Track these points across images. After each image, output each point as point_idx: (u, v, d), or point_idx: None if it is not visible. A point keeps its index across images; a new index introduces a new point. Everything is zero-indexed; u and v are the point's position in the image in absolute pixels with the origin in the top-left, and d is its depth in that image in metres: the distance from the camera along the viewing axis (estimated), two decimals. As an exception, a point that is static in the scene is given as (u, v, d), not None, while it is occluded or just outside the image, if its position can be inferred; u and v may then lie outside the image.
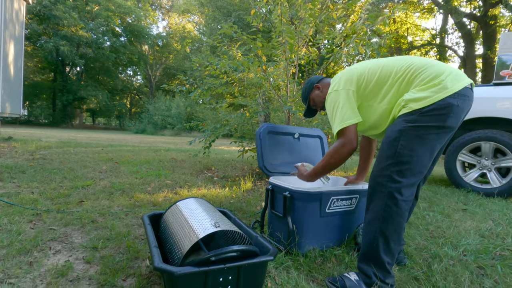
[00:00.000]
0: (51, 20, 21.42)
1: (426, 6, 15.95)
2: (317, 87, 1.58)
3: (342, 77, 1.35)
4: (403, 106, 1.17)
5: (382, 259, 1.13)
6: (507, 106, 2.99)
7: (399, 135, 1.14)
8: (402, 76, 1.21)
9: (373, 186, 1.18)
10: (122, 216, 1.89)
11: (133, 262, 1.30)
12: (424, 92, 1.12)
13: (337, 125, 1.29)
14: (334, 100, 1.32)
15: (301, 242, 1.47)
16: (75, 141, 7.29)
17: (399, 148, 1.13)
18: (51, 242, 1.44)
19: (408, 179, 1.12)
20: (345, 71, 1.39)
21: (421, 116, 1.11)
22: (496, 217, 2.23)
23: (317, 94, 1.58)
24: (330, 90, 1.36)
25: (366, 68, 1.32)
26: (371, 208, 1.18)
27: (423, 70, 1.17)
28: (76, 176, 2.95)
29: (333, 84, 1.37)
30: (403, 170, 1.12)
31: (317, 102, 1.59)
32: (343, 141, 1.28)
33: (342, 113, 1.28)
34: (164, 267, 0.82)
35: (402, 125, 1.14)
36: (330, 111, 1.35)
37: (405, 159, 1.12)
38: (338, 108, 1.30)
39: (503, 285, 1.24)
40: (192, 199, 1.30)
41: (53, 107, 26.80)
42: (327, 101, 1.38)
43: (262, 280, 0.97)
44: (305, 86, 1.64)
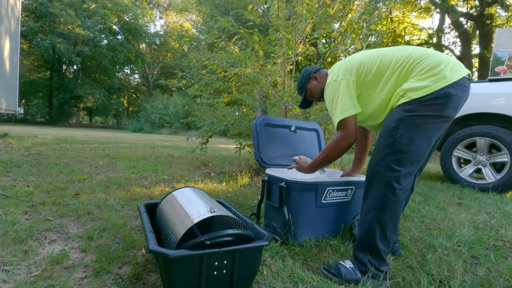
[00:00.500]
0: (47, 18, 21.27)
1: (423, 5, 16.01)
2: (314, 77, 1.56)
3: (341, 67, 1.34)
4: (401, 96, 1.17)
5: (377, 247, 1.13)
6: (502, 102, 3.02)
7: (397, 124, 1.14)
8: (402, 66, 1.20)
9: (371, 175, 1.18)
10: (119, 208, 1.89)
11: (129, 251, 1.30)
12: (423, 82, 1.13)
13: (337, 116, 1.28)
14: (334, 90, 1.31)
15: (297, 232, 1.47)
16: (72, 138, 7.25)
17: (397, 137, 1.13)
18: (46, 232, 1.44)
19: (406, 168, 1.13)
20: (344, 61, 1.37)
21: (419, 106, 1.11)
22: (491, 210, 2.25)
23: (314, 84, 1.56)
24: (329, 80, 1.35)
25: (365, 58, 1.31)
26: (369, 196, 1.18)
27: (422, 60, 1.17)
28: (72, 170, 2.94)
29: (332, 74, 1.35)
30: (401, 159, 1.12)
31: (314, 92, 1.57)
32: (343, 133, 1.28)
33: (342, 104, 1.27)
34: (159, 249, 0.82)
35: (401, 114, 1.14)
36: (329, 101, 1.34)
37: (403, 148, 1.12)
38: (338, 98, 1.29)
39: (496, 272, 1.26)
40: (188, 188, 1.30)
41: (49, 105, 26.62)
42: (326, 92, 1.36)
43: (257, 265, 0.98)
44: (301, 76, 1.61)
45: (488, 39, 11.53)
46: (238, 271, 0.93)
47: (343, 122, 1.28)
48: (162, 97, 22.78)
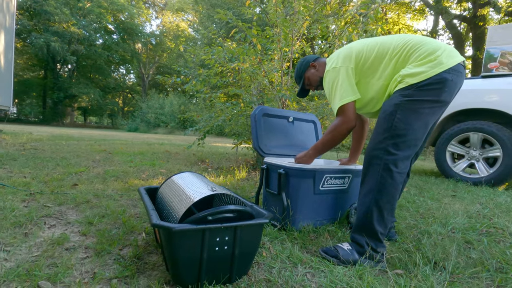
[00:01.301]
0: (42, 16, 21.08)
1: (418, 7, 16.22)
2: (313, 66, 1.57)
3: (340, 55, 1.35)
4: (399, 82, 1.20)
5: (375, 229, 1.16)
6: (494, 98, 3.08)
7: (395, 109, 1.16)
8: (400, 52, 1.22)
9: (369, 159, 1.21)
10: (117, 197, 1.89)
11: (129, 235, 1.31)
12: (420, 68, 1.15)
13: (337, 102, 1.30)
14: (333, 77, 1.33)
15: (295, 218, 1.50)
16: (67, 135, 7.19)
17: (395, 122, 1.15)
18: (45, 218, 1.44)
19: (403, 152, 1.15)
20: (343, 49, 1.39)
21: (417, 91, 1.14)
22: (484, 201, 2.30)
23: (312, 73, 1.57)
24: (328, 68, 1.36)
25: (364, 45, 1.33)
26: (367, 180, 1.21)
27: (419, 47, 1.19)
28: (69, 163, 2.93)
29: (331, 62, 1.37)
30: (399, 143, 1.15)
31: (312, 81, 1.58)
32: (343, 119, 1.30)
33: (342, 90, 1.29)
34: (162, 223, 0.83)
35: (399, 99, 1.17)
36: (328, 88, 1.35)
37: (401, 132, 1.15)
38: (337, 85, 1.30)
39: (489, 255, 1.29)
40: (188, 173, 1.32)
41: (43, 104, 26.36)
42: (325, 79, 1.38)
43: (258, 243, 0.99)
44: (300, 64, 1.61)
45: (480, 41, 11.73)
46: (239, 247, 0.95)
47: (342, 108, 1.30)
48: (158, 96, 22.71)
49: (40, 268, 0.95)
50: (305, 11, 3.17)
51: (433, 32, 14.69)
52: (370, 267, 1.13)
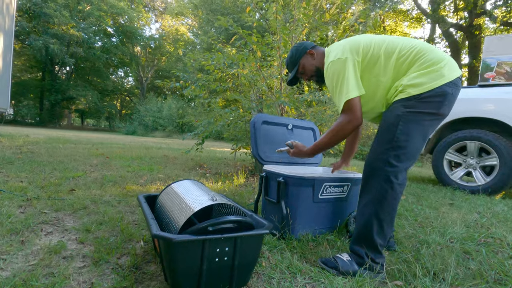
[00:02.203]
0: (41, 18, 21.07)
1: (415, 15, 16.44)
2: (310, 53, 1.44)
3: (345, 46, 1.26)
4: (400, 91, 1.18)
5: (374, 241, 1.16)
6: (491, 107, 3.12)
7: (397, 120, 1.15)
8: (406, 55, 1.20)
9: (369, 170, 1.20)
10: (115, 204, 1.88)
11: (127, 243, 1.30)
12: (422, 78, 1.14)
13: (343, 96, 1.20)
14: (339, 69, 1.22)
15: (294, 227, 1.49)
16: (64, 138, 7.14)
17: (397, 133, 1.14)
18: (42, 225, 1.42)
19: (404, 164, 1.15)
20: (348, 40, 1.30)
21: (418, 102, 1.14)
22: (481, 210, 2.31)
23: (309, 60, 1.45)
24: (332, 58, 1.25)
25: (371, 40, 1.26)
26: (367, 191, 1.20)
27: (424, 54, 1.18)
28: (66, 168, 2.91)
29: (334, 52, 1.26)
30: (400, 154, 1.14)
31: (307, 69, 1.46)
32: (350, 117, 1.21)
33: (349, 84, 1.20)
34: (163, 234, 0.83)
35: (401, 110, 1.16)
36: (332, 81, 1.24)
37: (402, 144, 1.14)
38: (343, 78, 1.20)
39: (487, 266, 1.29)
40: (187, 180, 1.31)
41: (40, 106, 26.20)
42: (328, 70, 1.26)
43: (257, 253, 0.99)
44: (296, 49, 1.48)
45: (477, 49, 11.89)
46: (239, 258, 0.94)
47: (349, 104, 1.20)
48: (156, 100, 22.70)
49: (37, 278, 0.94)
50: (304, 18, 3.21)
51: (430, 40, 14.87)
52: (370, 278, 1.13)
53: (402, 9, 16.11)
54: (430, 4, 12.64)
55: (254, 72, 3.13)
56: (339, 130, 1.25)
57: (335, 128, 1.26)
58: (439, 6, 11.93)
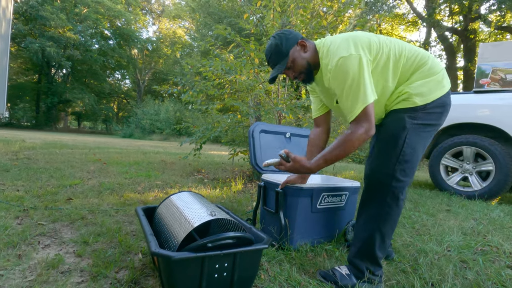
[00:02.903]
0: (37, 21, 20.99)
1: (411, 19, 16.61)
2: (302, 45, 1.20)
3: (355, 41, 1.09)
4: (404, 99, 1.12)
5: (376, 255, 1.15)
6: (486, 112, 3.15)
7: (404, 132, 1.10)
8: (412, 59, 1.13)
9: (375, 184, 1.14)
10: (113, 213, 1.87)
11: (125, 255, 1.29)
12: (427, 86, 1.11)
13: (359, 102, 1.04)
14: (354, 68, 1.04)
15: (293, 237, 1.49)
16: (61, 143, 7.10)
17: (404, 147, 1.09)
18: (39, 237, 1.41)
19: (409, 177, 1.12)
20: (354, 35, 1.13)
21: (423, 113, 1.10)
22: (478, 217, 2.33)
23: (300, 54, 1.20)
24: (344, 53, 1.05)
25: (379, 39, 1.14)
26: (370, 205, 1.15)
27: (427, 60, 1.14)
28: (63, 175, 2.89)
29: (344, 46, 1.08)
30: (406, 168, 1.10)
31: (297, 65, 1.21)
32: (366, 126, 1.05)
33: (366, 87, 1.04)
34: (162, 251, 0.83)
35: (408, 122, 1.10)
36: (345, 82, 1.05)
37: (408, 158, 1.10)
38: (360, 79, 1.04)
39: (485, 276, 1.30)
40: (186, 192, 1.31)
41: (36, 109, 26.04)
42: (337, 67, 1.06)
43: (256, 268, 0.99)
44: (284, 36, 1.21)
45: (472, 53, 12.02)
46: (238, 273, 0.94)
47: (366, 111, 1.04)
48: (153, 103, 22.63)
49: (35, 295, 0.93)
50: (302, 25, 3.23)
51: (425, 43, 15.01)
52: None
53: (398, 13, 16.27)
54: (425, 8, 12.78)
55: (251, 78, 3.14)
56: (355, 140, 1.06)
57: (348, 139, 1.07)
58: (434, 10, 12.07)
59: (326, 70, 1.13)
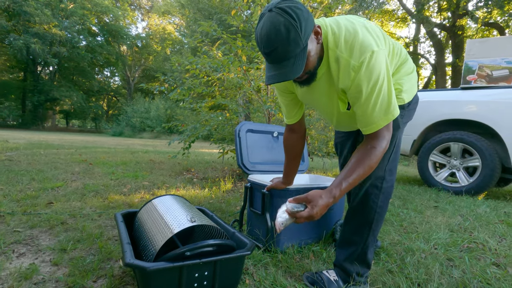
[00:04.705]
0: (21, 17, 20.36)
1: (400, 15, 16.73)
2: (317, 32, 0.85)
3: (375, 30, 0.90)
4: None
5: (368, 259, 1.13)
6: (473, 109, 3.18)
7: (398, 132, 1.05)
8: (399, 53, 1.04)
9: (367, 189, 1.07)
10: (95, 217, 1.81)
11: (105, 263, 1.24)
12: (410, 83, 1.07)
13: (387, 112, 0.87)
14: (384, 67, 0.84)
15: (279, 239, 1.47)
16: (46, 143, 6.92)
17: (395, 146, 1.06)
18: (14, 245, 1.35)
19: (395, 176, 1.10)
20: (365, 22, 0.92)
21: (407, 111, 1.08)
22: (464, 213, 2.35)
23: (313, 45, 0.86)
24: (375, 47, 0.83)
25: (379, 29, 0.97)
26: (362, 210, 1.09)
27: (406, 55, 1.08)
28: (46, 177, 2.80)
29: (369, 37, 0.85)
30: (393, 168, 1.08)
31: (311, 60, 0.86)
32: (388, 137, 0.90)
33: (393, 96, 0.88)
34: (136, 262, 0.79)
35: (400, 121, 1.05)
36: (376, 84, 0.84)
37: (395, 156, 1.08)
38: (389, 84, 0.87)
39: (470, 274, 1.30)
40: (168, 196, 1.27)
41: (22, 108, 25.39)
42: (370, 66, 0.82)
43: (239, 275, 0.96)
44: (302, 15, 0.78)
45: (460, 49, 12.19)
46: (219, 281, 0.91)
47: (390, 123, 0.90)
48: (143, 100, 22.33)
49: (3, 310, 0.88)
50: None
51: (415, 39, 15.16)
52: None
53: (387, 9, 16.36)
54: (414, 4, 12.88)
55: (239, 76, 3.09)
56: (378, 157, 0.88)
57: (371, 156, 0.88)
58: (423, 7, 12.17)
59: (347, 67, 0.85)
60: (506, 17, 11.04)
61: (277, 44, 0.78)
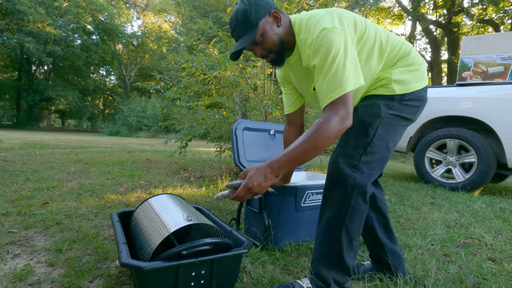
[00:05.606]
0: (14, 15, 20.10)
1: (396, 12, 16.76)
2: (275, 16, 1.00)
3: (341, 16, 0.93)
4: (382, 85, 1.01)
5: (345, 262, 0.97)
6: (469, 105, 3.19)
7: (377, 122, 0.98)
8: (397, 47, 1.03)
9: (337, 176, 0.97)
10: (91, 217, 1.80)
11: (101, 263, 1.23)
12: (408, 75, 1.02)
13: (338, 85, 0.86)
14: (338, 43, 0.87)
15: (277, 237, 1.47)
16: (41, 143, 6.86)
17: (375, 138, 0.97)
18: (9, 246, 1.33)
19: (375, 172, 0.99)
20: (338, 10, 0.97)
21: (400, 104, 1.01)
22: (461, 209, 2.37)
23: (272, 27, 0.99)
24: (327, 24, 0.89)
25: (363, 20, 1.00)
26: (334, 202, 0.98)
27: (410, 51, 1.05)
28: (41, 177, 2.77)
29: (327, 19, 0.91)
30: (372, 161, 0.97)
31: (268, 40, 0.99)
32: (343, 113, 0.86)
33: (350, 70, 0.87)
34: (132, 262, 0.78)
35: (383, 111, 0.98)
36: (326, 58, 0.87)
37: (377, 150, 0.98)
38: (343, 59, 0.87)
39: (467, 269, 1.31)
40: (165, 195, 1.26)
41: (17, 107, 25.13)
42: (318, 40, 0.89)
43: (236, 273, 0.95)
44: (254, 2, 0.98)
45: (455, 46, 12.25)
46: (216, 280, 0.90)
47: (345, 97, 0.86)
48: (140, 99, 22.18)
49: (-3, 312, 0.87)
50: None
51: (411, 36, 15.20)
52: None
53: (383, 6, 16.39)
54: (410, 2, 12.90)
55: (236, 74, 3.08)
56: (327, 131, 0.85)
57: (319, 129, 0.86)
58: (419, 4, 12.20)
59: (305, 46, 0.96)
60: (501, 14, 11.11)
61: (233, 23, 1.01)
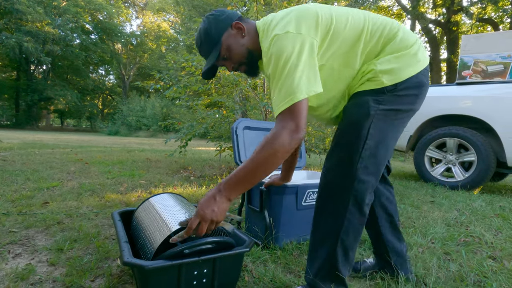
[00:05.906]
0: (13, 15, 20.02)
1: (395, 11, 16.76)
2: (237, 27, 0.97)
3: (298, 16, 0.86)
4: (369, 79, 0.90)
5: (341, 274, 0.93)
6: (469, 104, 3.20)
7: (368, 121, 0.87)
8: (377, 34, 0.91)
9: (330, 186, 0.91)
10: (92, 216, 1.80)
11: (102, 262, 1.23)
12: (397, 62, 0.89)
13: (286, 95, 0.80)
14: (289, 49, 0.81)
15: (278, 235, 1.47)
16: (41, 142, 6.85)
17: (368, 139, 0.87)
18: (10, 246, 1.33)
19: (374, 176, 0.90)
20: (297, 10, 0.89)
21: (393, 96, 0.89)
22: (461, 207, 2.37)
23: (237, 39, 0.97)
24: (278, 30, 0.84)
25: (329, 13, 0.90)
26: (329, 214, 0.93)
27: (397, 32, 0.92)
28: (41, 177, 2.77)
29: (283, 23, 0.85)
30: (369, 165, 0.88)
31: (234, 53, 0.98)
32: (292, 126, 0.80)
33: (300, 78, 0.80)
34: (134, 261, 0.78)
35: (373, 107, 0.88)
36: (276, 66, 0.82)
37: (373, 152, 0.88)
38: (296, 66, 0.80)
39: (467, 268, 1.31)
40: (166, 194, 1.26)
41: (16, 107, 25.07)
42: (272, 47, 0.84)
43: (238, 272, 0.96)
44: (214, 19, 0.98)
45: (454, 45, 12.26)
46: (218, 279, 0.90)
47: (296, 107, 0.79)
48: (139, 99, 22.17)
49: (-1, 311, 0.87)
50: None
51: (410, 35, 15.18)
52: None
53: (383, 5, 16.39)
54: (410, 1, 12.91)
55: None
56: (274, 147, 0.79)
57: (266, 146, 0.80)
58: (418, 3, 12.20)
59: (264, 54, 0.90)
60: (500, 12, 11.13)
61: (198, 44, 1.02)
